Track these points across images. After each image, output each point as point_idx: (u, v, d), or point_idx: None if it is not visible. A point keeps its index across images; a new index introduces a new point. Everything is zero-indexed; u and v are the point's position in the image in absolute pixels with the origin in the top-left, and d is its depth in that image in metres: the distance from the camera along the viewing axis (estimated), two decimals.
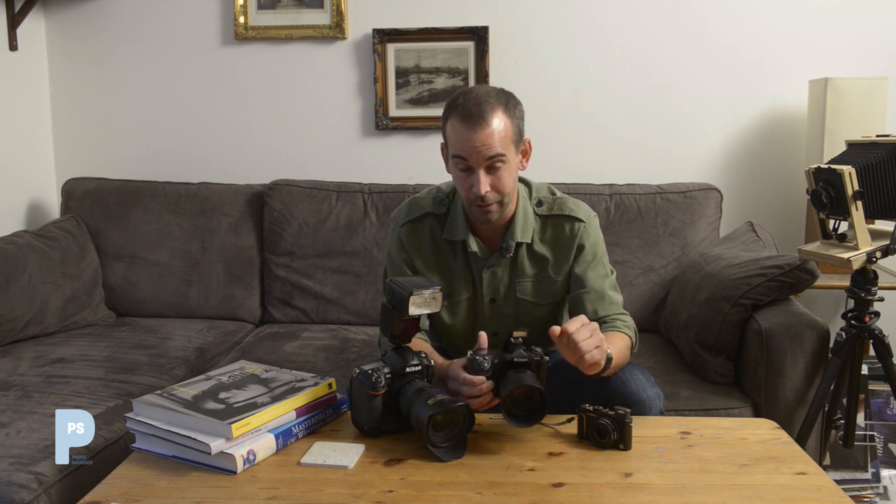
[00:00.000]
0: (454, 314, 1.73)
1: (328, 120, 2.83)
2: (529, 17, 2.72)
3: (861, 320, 1.90)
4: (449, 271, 1.70)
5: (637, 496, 1.24)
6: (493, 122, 1.52)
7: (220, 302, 2.59)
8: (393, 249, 1.74)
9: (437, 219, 1.71)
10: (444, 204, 1.70)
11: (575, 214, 1.68)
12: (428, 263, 1.71)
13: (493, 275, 1.69)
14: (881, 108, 2.37)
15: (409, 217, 1.72)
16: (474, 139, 1.52)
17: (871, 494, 2.23)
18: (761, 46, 2.66)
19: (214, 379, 1.51)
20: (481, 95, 1.54)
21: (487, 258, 1.68)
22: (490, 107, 1.52)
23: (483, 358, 1.41)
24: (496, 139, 1.52)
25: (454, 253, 1.70)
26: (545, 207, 1.69)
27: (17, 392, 1.86)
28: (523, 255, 1.69)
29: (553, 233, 1.69)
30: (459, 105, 1.55)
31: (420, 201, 1.73)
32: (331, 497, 1.23)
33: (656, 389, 1.57)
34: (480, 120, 1.51)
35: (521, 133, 1.59)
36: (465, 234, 1.67)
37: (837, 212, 1.81)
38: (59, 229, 2.55)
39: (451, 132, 1.57)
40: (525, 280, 1.69)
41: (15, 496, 1.41)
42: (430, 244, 1.71)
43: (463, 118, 1.53)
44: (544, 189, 1.73)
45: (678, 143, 2.73)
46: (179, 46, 2.84)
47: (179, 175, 2.77)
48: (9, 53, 2.68)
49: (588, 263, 1.67)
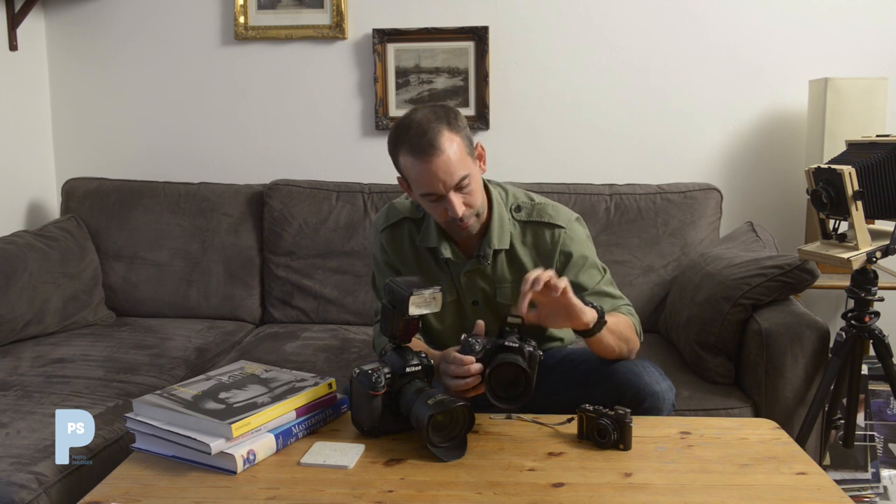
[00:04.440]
0: (441, 319, 1.72)
1: (328, 120, 2.83)
2: (529, 17, 2.72)
3: (861, 320, 1.90)
4: (431, 275, 1.69)
5: (637, 496, 1.24)
6: (444, 147, 1.48)
7: (220, 302, 2.59)
8: (377, 254, 1.76)
9: (414, 223, 1.70)
10: (421, 209, 1.69)
11: (554, 221, 1.66)
12: (410, 268, 1.70)
13: (470, 280, 1.69)
14: (881, 108, 2.37)
15: (388, 222, 1.72)
16: (434, 170, 1.49)
17: (871, 494, 2.23)
18: (761, 47, 2.66)
19: (214, 379, 1.51)
20: (423, 125, 1.50)
21: (464, 263, 1.67)
22: (436, 132, 1.48)
23: (476, 340, 1.41)
24: (454, 162, 1.49)
25: (434, 257, 1.70)
26: (524, 213, 1.67)
27: (17, 392, 1.86)
28: (502, 260, 1.67)
29: (533, 239, 1.67)
30: (405, 141, 1.51)
31: (398, 206, 1.73)
32: (331, 497, 1.23)
33: (668, 382, 1.57)
34: (432, 150, 1.48)
35: (471, 142, 1.56)
36: (437, 241, 1.66)
37: (837, 212, 1.80)
38: (59, 229, 2.55)
39: (407, 169, 1.53)
40: (505, 285, 1.68)
41: (15, 496, 1.41)
42: (410, 248, 1.71)
43: (415, 154, 1.49)
44: (522, 194, 1.71)
45: (678, 143, 2.73)
46: (179, 46, 2.84)
47: (179, 175, 2.77)
48: (9, 53, 2.68)
49: (580, 268, 1.66)
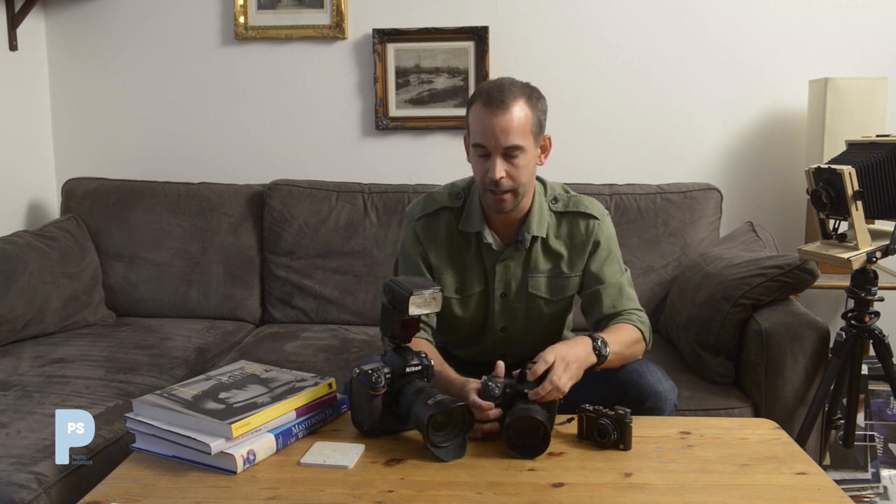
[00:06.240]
0: (466, 308, 1.74)
1: (328, 120, 2.83)
2: (529, 17, 2.72)
3: (861, 320, 1.90)
4: (462, 265, 1.72)
5: (637, 496, 1.24)
6: (513, 109, 1.54)
7: (220, 302, 2.59)
8: (408, 243, 1.76)
9: (452, 212, 1.73)
10: (461, 197, 1.72)
11: (590, 212, 1.71)
12: (442, 256, 1.72)
13: (506, 268, 1.71)
14: (881, 108, 2.37)
15: (425, 211, 1.74)
16: (493, 123, 1.53)
17: (871, 494, 2.23)
18: (761, 47, 2.66)
19: (214, 379, 1.51)
20: (505, 84, 1.57)
21: (502, 251, 1.69)
22: (513, 95, 1.54)
23: (496, 384, 1.40)
24: (515, 126, 1.54)
25: (468, 246, 1.72)
26: (560, 204, 1.71)
27: (17, 392, 1.86)
28: (538, 250, 1.70)
29: (568, 229, 1.70)
30: (483, 91, 1.58)
31: (436, 196, 1.75)
32: (331, 497, 1.23)
33: (671, 383, 1.60)
34: (501, 105, 1.53)
35: (541, 126, 1.61)
36: (480, 225, 1.68)
37: (837, 212, 1.81)
38: (59, 229, 2.55)
39: (472, 118, 1.59)
40: (538, 275, 1.71)
41: (15, 496, 1.41)
42: (445, 237, 1.72)
43: (485, 103, 1.55)
44: (559, 187, 1.75)
45: (678, 143, 2.73)
46: (179, 46, 2.84)
47: (179, 175, 2.77)
48: (9, 53, 2.68)
49: (604, 260, 1.70)
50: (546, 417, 1.36)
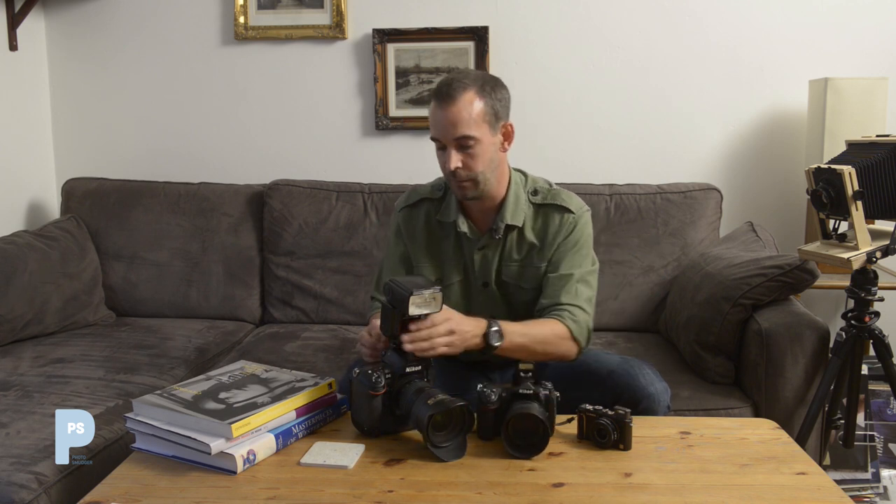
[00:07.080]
0: (446, 298, 1.72)
1: (328, 120, 2.83)
2: (529, 17, 2.72)
3: (861, 320, 1.90)
4: (440, 254, 1.75)
5: (637, 496, 1.24)
6: (460, 102, 1.56)
7: (220, 302, 2.59)
8: (391, 234, 1.82)
9: (432, 203, 1.77)
10: (441, 189, 1.77)
11: (566, 205, 1.71)
12: (420, 246, 1.76)
13: (483, 257, 1.72)
14: (881, 108, 2.37)
15: (408, 202, 1.80)
16: (442, 117, 1.58)
17: (871, 494, 2.23)
18: (761, 47, 2.66)
19: (214, 379, 1.51)
20: (456, 78, 1.60)
21: (478, 239, 1.71)
22: (461, 87, 1.57)
23: (491, 390, 1.40)
24: (464, 117, 1.56)
25: (446, 236, 1.75)
26: (540, 197, 1.72)
27: (17, 392, 1.86)
28: (512, 239, 1.71)
29: (543, 221, 1.71)
30: (436, 87, 1.62)
31: (419, 188, 1.81)
32: (331, 497, 1.23)
33: (664, 384, 1.60)
34: (449, 98, 1.57)
35: (496, 115, 1.61)
36: (455, 215, 1.71)
37: (837, 212, 1.81)
38: (59, 229, 2.55)
39: (429, 114, 1.64)
40: (511, 264, 1.72)
41: (15, 496, 1.41)
42: (423, 228, 1.76)
43: (436, 97, 1.60)
44: (542, 181, 1.76)
45: (678, 143, 2.73)
46: (179, 46, 2.84)
47: (179, 175, 2.77)
48: (9, 53, 2.68)
49: (567, 251, 1.69)
50: (545, 415, 1.36)
